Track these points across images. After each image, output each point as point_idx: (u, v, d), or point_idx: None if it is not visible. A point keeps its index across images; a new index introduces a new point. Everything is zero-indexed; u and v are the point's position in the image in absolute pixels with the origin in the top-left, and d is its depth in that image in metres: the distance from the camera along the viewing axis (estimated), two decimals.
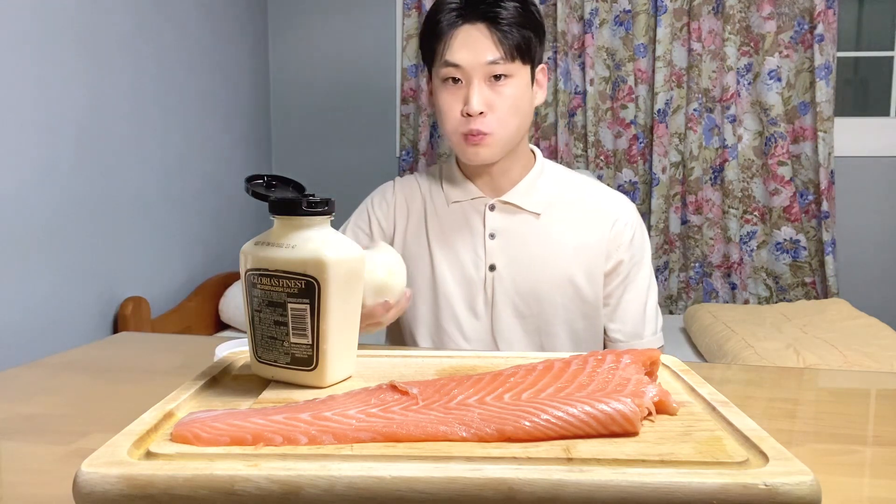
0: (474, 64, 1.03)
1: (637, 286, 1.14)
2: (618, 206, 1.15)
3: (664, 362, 0.63)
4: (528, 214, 1.13)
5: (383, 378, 0.58)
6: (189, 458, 0.42)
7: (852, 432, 0.68)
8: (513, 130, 1.07)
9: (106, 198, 1.77)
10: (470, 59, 1.03)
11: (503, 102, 1.05)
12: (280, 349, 0.57)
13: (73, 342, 1.59)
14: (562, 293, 1.11)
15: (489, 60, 1.03)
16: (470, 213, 1.15)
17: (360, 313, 0.62)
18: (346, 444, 0.44)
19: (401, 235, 1.18)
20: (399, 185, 1.22)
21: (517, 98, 1.06)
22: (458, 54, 1.04)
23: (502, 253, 1.13)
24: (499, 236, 1.13)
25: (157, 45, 1.98)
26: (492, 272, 1.12)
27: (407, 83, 2.59)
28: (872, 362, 1.62)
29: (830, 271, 2.35)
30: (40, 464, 0.60)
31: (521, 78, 1.06)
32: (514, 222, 1.13)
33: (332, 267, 0.55)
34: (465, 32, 1.04)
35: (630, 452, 0.43)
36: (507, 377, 0.53)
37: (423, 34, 1.10)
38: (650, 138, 2.46)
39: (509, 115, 1.05)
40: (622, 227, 1.13)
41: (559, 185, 1.15)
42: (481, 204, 1.14)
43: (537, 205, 1.13)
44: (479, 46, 1.03)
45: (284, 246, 0.57)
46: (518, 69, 1.05)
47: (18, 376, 0.86)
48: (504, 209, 1.13)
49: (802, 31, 2.36)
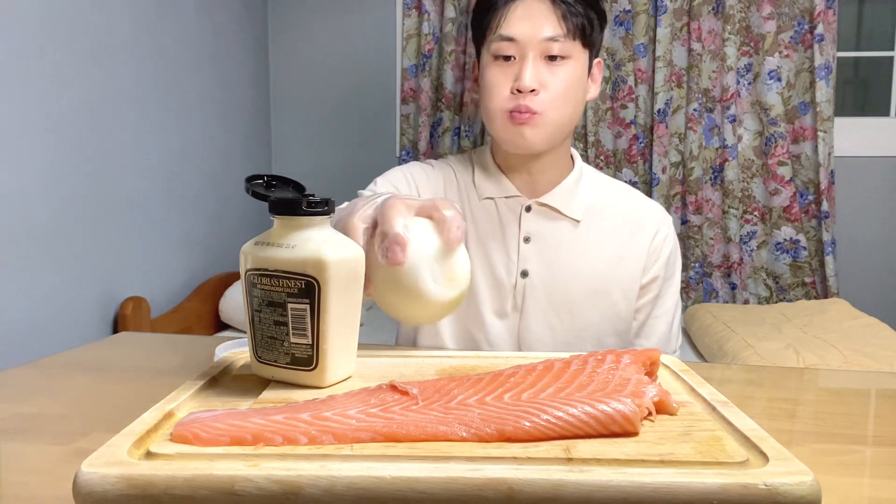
0: (531, 38, 0.96)
1: (667, 302, 1.10)
2: (657, 219, 1.09)
3: (664, 362, 0.63)
4: (567, 220, 1.06)
5: (383, 378, 0.58)
6: (189, 458, 0.42)
7: (852, 432, 0.68)
8: (563, 116, 0.99)
9: (106, 198, 1.77)
10: (527, 32, 0.96)
11: (557, 83, 0.97)
12: (280, 349, 0.57)
13: (73, 342, 1.59)
14: (597, 308, 1.06)
15: (548, 36, 0.96)
16: (504, 212, 1.07)
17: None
18: (346, 444, 0.44)
19: None
20: (438, 166, 1.13)
21: (572, 83, 0.98)
22: (515, 27, 0.96)
23: (537, 259, 1.05)
24: (534, 241, 1.05)
25: (157, 45, 1.98)
26: (524, 278, 1.05)
27: (407, 83, 2.59)
28: (872, 362, 1.62)
29: (830, 271, 2.35)
30: (40, 464, 0.60)
31: (579, 63, 0.99)
32: (551, 227, 1.06)
33: (332, 267, 0.55)
34: (526, 5, 0.97)
35: (630, 452, 0.43)
36: (506, 377, 0.53)
37: (478, 6, 1.03)
38: (650, 138, 2.46)
39: (562, 99, 0.98)
40: (661, 241, 1.08)
41: (599, 192, 1.09)
42: (517, 204, 1.06)
43: (577, 211, 1.06)
44: (539, 20, 0.96)
45: (284, 246, 0.57)
46: (577, 51, 0.98)
47: (18, 376, 0.86)
48: (541, 212, 1.06)
49: (802, 31, 2.36)
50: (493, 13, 0.99)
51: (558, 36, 0.96)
